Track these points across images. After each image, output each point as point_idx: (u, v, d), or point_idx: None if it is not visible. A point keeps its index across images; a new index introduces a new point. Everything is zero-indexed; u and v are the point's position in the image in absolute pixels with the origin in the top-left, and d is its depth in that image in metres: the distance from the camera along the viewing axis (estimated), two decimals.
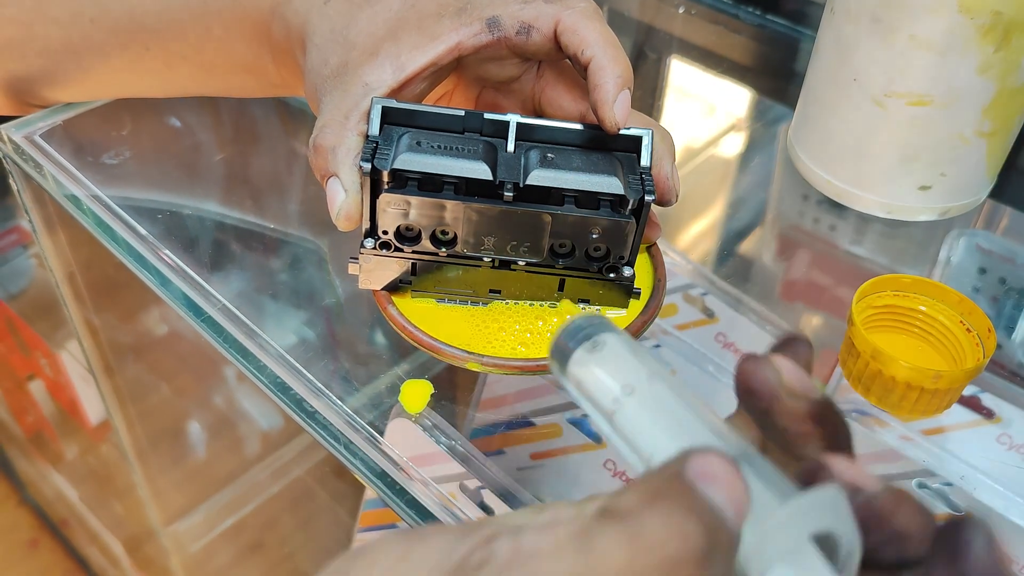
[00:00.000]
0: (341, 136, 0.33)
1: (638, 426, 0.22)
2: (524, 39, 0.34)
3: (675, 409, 0.22)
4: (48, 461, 1.12)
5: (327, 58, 0.35)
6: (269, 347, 0.42)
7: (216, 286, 0.45)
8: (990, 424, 0.44)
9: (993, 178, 0.52)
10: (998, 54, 0.44)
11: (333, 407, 0.40)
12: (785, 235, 0.58)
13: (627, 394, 0.23)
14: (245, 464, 0.93)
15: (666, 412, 0.22)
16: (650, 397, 0.22)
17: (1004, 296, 0.52)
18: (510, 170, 0.32)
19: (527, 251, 0.33)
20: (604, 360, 0.24)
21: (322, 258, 0.54)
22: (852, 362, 0.41)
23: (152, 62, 0.44)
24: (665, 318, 0.51)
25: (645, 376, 0.23)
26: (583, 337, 0.24)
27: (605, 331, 0.24)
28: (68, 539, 1.16)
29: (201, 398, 0.88)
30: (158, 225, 0.49)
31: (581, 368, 0.24)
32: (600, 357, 0.24)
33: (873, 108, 0.48)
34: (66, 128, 0.54)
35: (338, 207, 0.32)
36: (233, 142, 0.63)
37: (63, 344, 0.90)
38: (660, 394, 0.22)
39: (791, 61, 0.72)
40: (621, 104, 0.33)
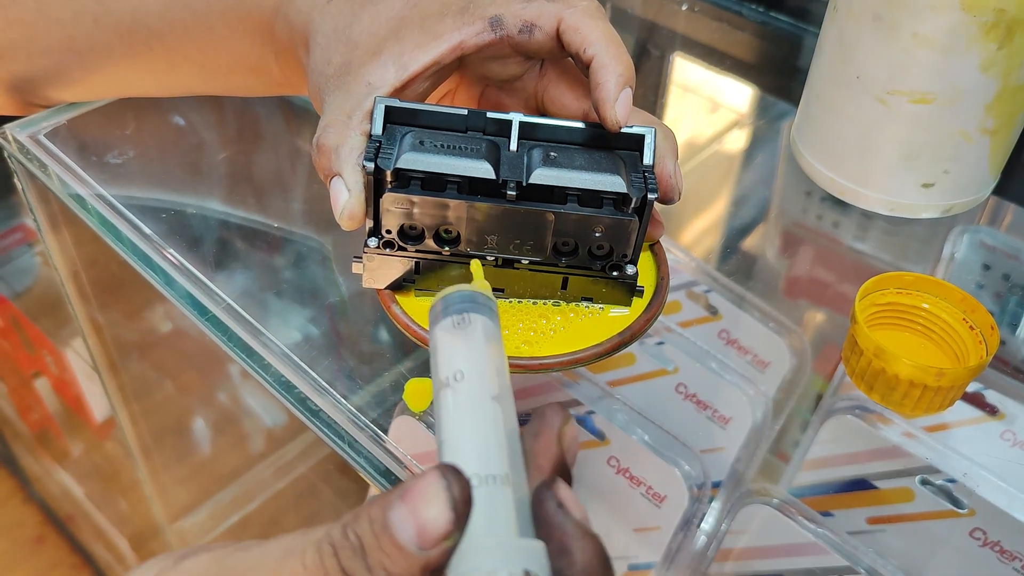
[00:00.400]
0: (344, 136, 0.33)
1: (449, 411, 0.24)
2: (527, 38, 0.34)
3: (483, 414, 0.24)
4: (53, 458, 1.12)
5: (330, 57, 0.35)
6: (273, 345, 0.42)
7: (220, 284, 0.45)
8: (994, 421, 0.44)
9: (996, 175, 0.52)
10: (1001, 51, 0.44)
11: (337, 405, 0.40)
12: (788, 232, 0.58)
13: (456, 380, 0.24)
14: (249, 461, 0.93)
15: (474, 413, 0.24)
16: (469, 394, 0.24)
17: (1008, 293, 0.52)
18: (513, 169, 0.32)
19: (530, 250, 0.33)
20: (458, 340, 0.26)
21: (326, 256, 0.54)
22: (855, 360, 0.41)
23: (155, 62, 0.44)
24: (668, 315, 0.52)
25: (478, 372, 0.25)
26: (458, 309, 0.26)
27: (481, 316, 0.26)
28: (74, 535, 1.16)
29: (205, 395, 0.89)
30: (162, 224, 0.50)
31: (441, 334, 0.26)
32: (457, 335, 0.26)
33: (876, 105, 0.48)
34: (70, 127, 0.54)
35: (342, 207, 0.33)
36: (237, 141, 0.63)
37: (68, 342, 0.90)
38: (479, 395, 0.24)
39: (794, 58, 0.72)
40: (622, 103, 0.33)
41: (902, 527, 0.42)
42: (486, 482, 0.22)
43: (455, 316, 0.26)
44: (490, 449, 0.23)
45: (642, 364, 0.49)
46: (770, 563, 0.41)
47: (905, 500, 0.42)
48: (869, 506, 0.43)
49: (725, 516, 0.43)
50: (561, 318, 0.35)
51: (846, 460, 0.44)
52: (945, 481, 0.41)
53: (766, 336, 0.50)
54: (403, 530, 0.20)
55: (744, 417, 0.46)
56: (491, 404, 0.24)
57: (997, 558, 0.40)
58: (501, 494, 0.22)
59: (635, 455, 0.44)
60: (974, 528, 0.40)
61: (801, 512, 0.40)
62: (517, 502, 0.22)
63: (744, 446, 0.46)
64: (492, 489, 0.22)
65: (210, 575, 0.22)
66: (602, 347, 0.34)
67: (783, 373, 0.49)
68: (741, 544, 0.42)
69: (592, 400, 0.46)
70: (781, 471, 0.47)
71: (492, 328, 0.26)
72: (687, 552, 0.43)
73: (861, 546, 0.39)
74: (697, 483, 0.43)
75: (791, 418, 0.48)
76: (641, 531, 0.45)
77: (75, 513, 1.13)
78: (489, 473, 0.22)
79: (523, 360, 0.33)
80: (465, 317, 0.26)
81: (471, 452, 0.23)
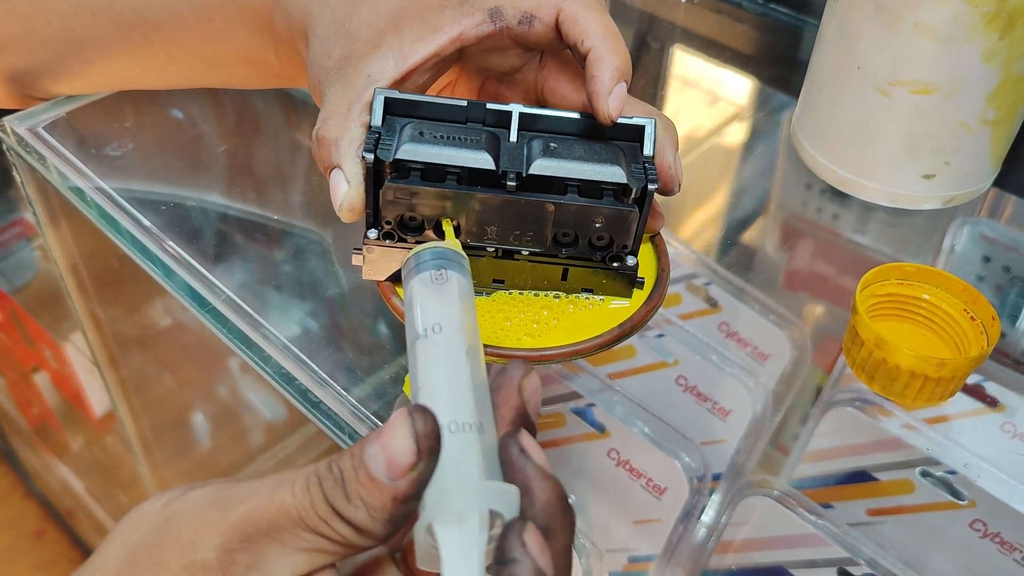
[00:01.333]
0: (344, 128, 0.33)
1: (425, 362, 0.26)
2: (526, 29, 0.34)
3: (457, 366, 0.25)
4: (53, 452, 1.12)
5: (329, 50, 0.35)
6: (274, 338, 0.42)
7: (220, 277, 0.45)
8: (994, 412, 0.44)
9: (997, 166, 0.52)
10: (1003, 41, 0.44)
11: (338, 397, 0.40)
12: (788, 224, 0.58)
13: (434, 332, 0.26)
14: (250, 455, 0.93)
15: (449, 365, 0.25)
16: (444, 347, 0.26)
17: (1008, 284, 0.52)
18: (513, 160, 0.32)
19: (530, 241, 0.33)
20: (436, 294, 0.27)
21: (326, 248, 0.54)
22: (856, 350, 0.41)
23: (154, 54, 0.44)
24: (669, 308, 0.51)
25: (454, 327, 0.26)
26: (435, 265, 0.28)
27: (455, 272, 0.28)
28: (74, 529, 1.16)
29: (205, 389, 0.89)
30: (162, 217, 0.50)
31: (418, 288, 0.28)
32: (434, 289, 0.28)
33: (877, 96, 0.48)
34: (69, 120, 0.54)
35: (341, 198, 0.32)
36: (236, 133, 0.63)
37: (67, 336, 0.90)
38: (454, 348, 0.26)
39: (794, 50, 0.71)
40: (616, 96, 0.33)
41: (902, 519, 0.42)
42: (459, 429, 0.24)
43: (433, 271, 0.28)
44: (462, 399, 0.25)
45: (642, 356, 0.49)
46: (770, 555, 0.41)
47: (905, 492, 0.42)
48: (869, 498, 0.43)
49: (725, 508, 0.43)
50: (561, 309, 0.35)
51: (846, 452, 0.44)
52: (945, 473, 0.41)
53: (766, 328, 0.50)
54: (375, 462, 0.22)
55: (744, 409, 0.46)
56: (464, 357, 0.25)
57: (997, 549, 0.40)
58: (472, 441, 0.24)
59: (635, 447, 0.44)
60: (974, 519, 0.40)
61: (801, 504, 0.40)
62: (486, 449, 0.24)
63: (744, 438, 0.46)
64: (463, 436, 0.24)
65: (212, 501, 0.24)
66: (602, 338, 0.34)
67: (783, 365, 0.49)
68: (741, 536, 0.42)
69: (592, 392, 0.46)
70: (781, 463, 0.47)
71: (466, 285, 0.28)
72: (687, 544, 0.43)
73: (861, 538, 0.39)
74: (697, 475, 0.43)
75: (791, 410, 0.48)
76: (641, 523, 0.45)
77: (75, 507, 1.13)
78: (460, 421, 0.24)
79: (524, 351, 0.33)
80: (443, 273, 0.28)
81: (444, 401, 0.24)
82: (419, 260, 0.29)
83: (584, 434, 0.47)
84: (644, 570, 0.45)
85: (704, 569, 0.43)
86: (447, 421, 0.24)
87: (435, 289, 0.28)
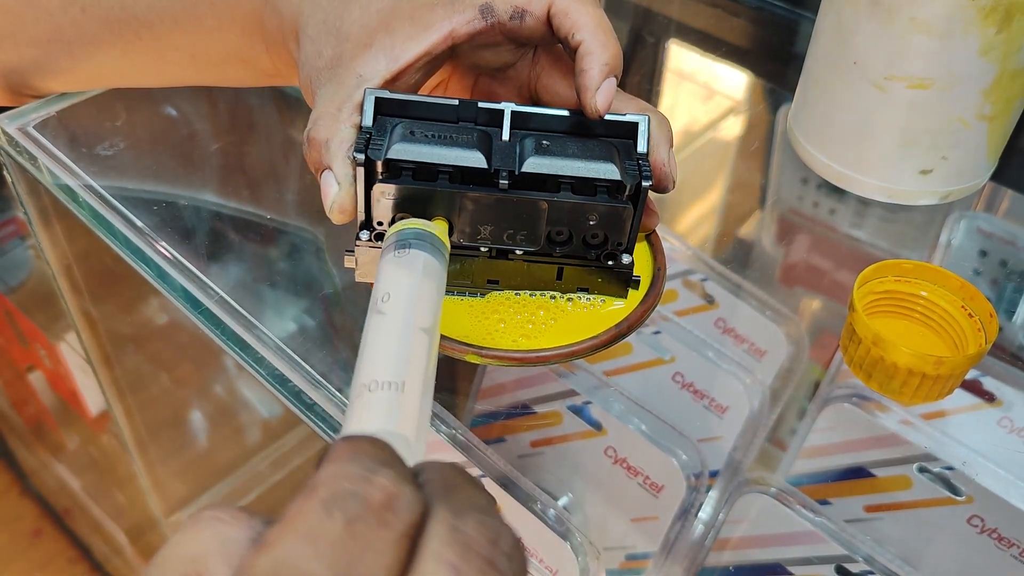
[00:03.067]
0: (334, 128, 0.33)
1: (372, 333, 0.25)
2: (518, 24, 0.34)
3: (406, 339, 0.24)
4: (49, 451, 1.12)
5: (320, 50, 0.35)
6: (267, 338, 0.42)
7: (213, 277, 0.45)
8: (991, 408, 0.44)
9: (994, 161, 0.52)
10: (1000, 35, 0.44)
11: (332, 398, 0.40)
12: (784, 220, 0.57)
13: (383, 301, 0.25)
14: (246, 454, 0.93)
15: (397, 337, 0.24)
16: (394, 317, 0.25)
17: (1005, 279, 0.52)
18: (505, 158, 0.32)
19: (524, 240, 0.33)
20: (396, 267, 0.27)
21: (320, 248, 0.54)
22: (853, 348, 0.40)
23: (144, 52, 0.44)
24: (665, 304, 0.51)
25: (409, 299, 0.25)
26: (402, 244, 0.28)
27: (425, 254, 0.28)
28: (71, 528, 1.16)
29: (201, 387, 0.88)
30: (154, 216, 0.49)
31: (384, 263, 0.28)
32: (397, 263, 0.27)
33: (873, 91, 0.48)
34: (60, 119, 0.53)
35: (331, 200, 0.32)
36: (229, 131, 0.63)
37: (62, 335, 0.90)
38: (405, 320, 0.25)
39: (790, 44, 0.71)
40: (604, 92, 0.32)
41: (900, 515, 0.42)
42: (377, 388, 0.22)
43: (399, 249, 0.28)
44: (403, 365, 0.23)
45: (639, 353, 0.49)
46: (768, 552, 0.41)
47: (902, 488, 0.42)
48: (866, 494, 0.43)
49: (723, 505, 0.42)
50: (557, 310, 0.35)
51: (843, 448, 0.44)
52: (943, 468, 0.41)
53: (763, 324, 0.49)
54: None
55: (741, 406, 0.46)
56: (418, 332, 0.24)
57: (995, 545, 0.40)
58: (407, 399, 0.23)
59: (632, 445, 0.44)
60: (972, 515, 0.40)
61: (798, 500, 0.40)
62: (419, 418, 0.23)
63: (741, 435, 0.46)
64: (396, 394, 0.22)
65: None
66: (599, 339, 0.33)
67: (780, 361, 0.49)
68: (739, 533, 0.42)
69: (589, 390, 0.46)
70: (778, 460, 0.47)
71: (434, 266, 0.28)
72: (685, 542, 0.43)
73: (859, 534, 0.39)
74: (694, 472, 0.43)
75: (788, 406, 0.48)
76: (639, 521, 0.45)
77: (72, 506, 1.13)
78: (380, 380, 0.23)
79: (520, 353, 0.33)
80: (409, 252, 0.28)
81: (383, 363, 0.23)
82: (395, 239, 0.29)
83: (581, 432, 0.46)
84: (641, 568, 0.45)
85: (701, 566, 0.43)
86: (385, 380, 0.23)
87: (396, 263, 0.27)
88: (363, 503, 0.17)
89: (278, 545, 0.16)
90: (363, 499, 0.17)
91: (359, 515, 0.17)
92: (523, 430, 0.49)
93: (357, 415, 0.22)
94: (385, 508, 0.17)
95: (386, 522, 0.17)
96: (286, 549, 0.16)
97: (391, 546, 0.17)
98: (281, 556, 0.16)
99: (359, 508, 0.17)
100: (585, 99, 0.33)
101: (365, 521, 0.17)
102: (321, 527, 0.16)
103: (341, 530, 0.16)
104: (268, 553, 0.16)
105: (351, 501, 0.17)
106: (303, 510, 0.17)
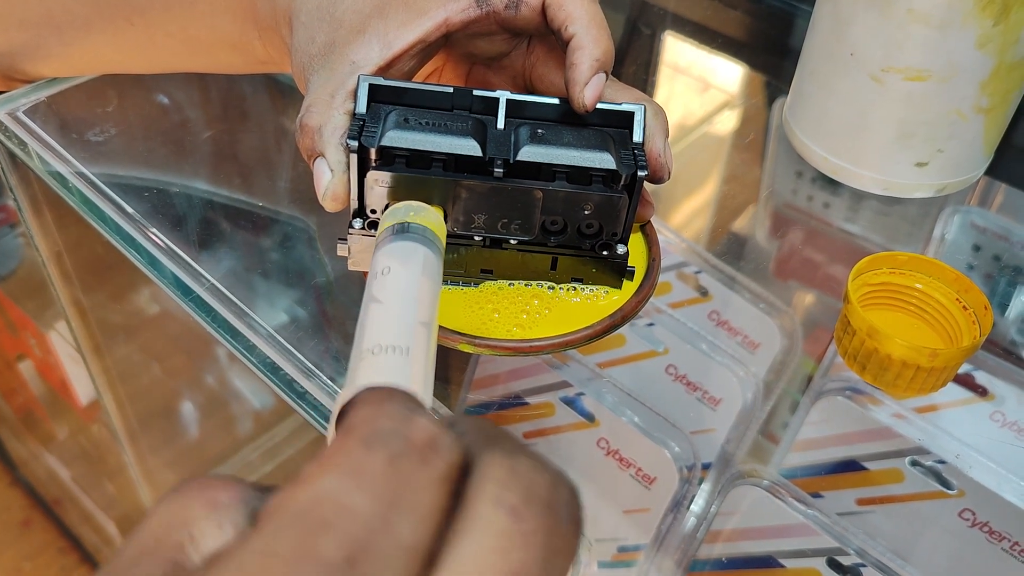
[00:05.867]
0: (327, 115, 0.32)
1: (369, 317, 0.24)
2: (513, 13, 0.34)
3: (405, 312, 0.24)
4: (39, 441, 1.11)
5: (313, 36, 0.34)
6: (259, 327, 0.42)
7: (205, 265, 0.45)
8: (983, 402, 0.44)
9: (990, 155, 0.52)
10: (997, 27, 0.44)
11: (324, 388, 0.40)
12: (779, 212, 0.57)
13: (383, 274, 0.25)
14: (237, 444, 0.93)
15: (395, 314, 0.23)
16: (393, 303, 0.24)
17: (998, 273, 0.52)
18: (500, 147, 0.32)
19: (518, 229, 0.33)
20: (390, 253, 0.26)
21: (312, 236, 0.53)
22: (848, 340, 0.40)
23: (136, 37, 0.43)
24: (659, 296, 0.51)
25: (410, 296, 0.24)
26: (401, 236, 0.27)
27: (424, 247, 0.27)
28: (61, 519, 1.16)
29: (193, 378, 0.88)
30: (145, 203, 0.49)
31: (380, 257, 0.26)
32: (391, 247, 0.27)
33: (870, 84, 0.48)
34: (50, 104, 0.53)
35: (324, 187, 0.32)
36: (221, 119, 0.62)
37: (52, 324, 0.89)
38: (406, 312, 0.24)
39: (787, 36, 0.71)
40: (593, 86, 0.32)
41: (892, 508, 0.42)
42: (381, 352, 0.22)
43: (398, 235, 0.27)
44: (408, 332, 0.23)
45: (632, 345, 0.49)
46: (760, 544, 0.41)
47: (895, 481, 0.42)
48: (859, 487, 0.43)
49: (715, 498, 0.42)
50: (551, 299, 0.35)
51: (836, 441, 0.44)
52: (935, 462, 0.41)
53: (757, 317, 0.49)
54: None
55: (734, 398, 0.46)
56: (418, 326, 0.23)
57: (986, 538, 0.40)
58: (415, 362, 0.22)
59: (625, 437, 0.44)
60: (963, 509, 0.40)
61: (791, 493, 0.40)
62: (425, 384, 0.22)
63: (734, 427, 0.46)
64: (403, 356, 0.22)
65: None
66: (593, 329, 0.33)
67: (773, 354, 0.49)
68: (731, 525, 0.42)
69: (582, 382, 0.46)
70: (771, 452, 0.47)
71: (433, 263, 0.27)
72: (677, 534, 0.43)
73: (851, 527, 0.39)
74: (687, 464, 0.43)
75: (781, 399, 0.48)
76: (631, 513, 0.45)
77: (62, 496, 1.12)
78: (384, 344, 0.22)
79: (514, 343, 0.33)
80: (409, 245, 0.27)
81: (388, 330, 0.22)
82: (383, 235, 0.28)
83: (573, 423, 0.46)
84: (633, 560, 0.45)
85: (693, 558, 0.43)
86: (371, 345, 0.22)
87: (390, 247, 0.27)
88: (405, 441, 0.16)
89: (317, 480, 0.15)
90: (405, 437, 0.16)
91: (402, 452, 0.16)
92: (516, 421, 0.49)
93: (365, 372, 0.21)
94: (428, 447, 0.16)
95: (429, 461, 0.16)
96: (327, 484, 0.15)
97: (436, 484, 0.16)
98: (321, 491, 0.15)
99: (402, 445, 0.16)
100: (573, 93, 0.33)
101: (408, 458, 0.16)
102: (363, 462, 0.16)
103: (384, 465, 0.16)
104: (307, 488, 0.15)
105: (393, 438, 0.16)
106: (342, 448, 0.16)
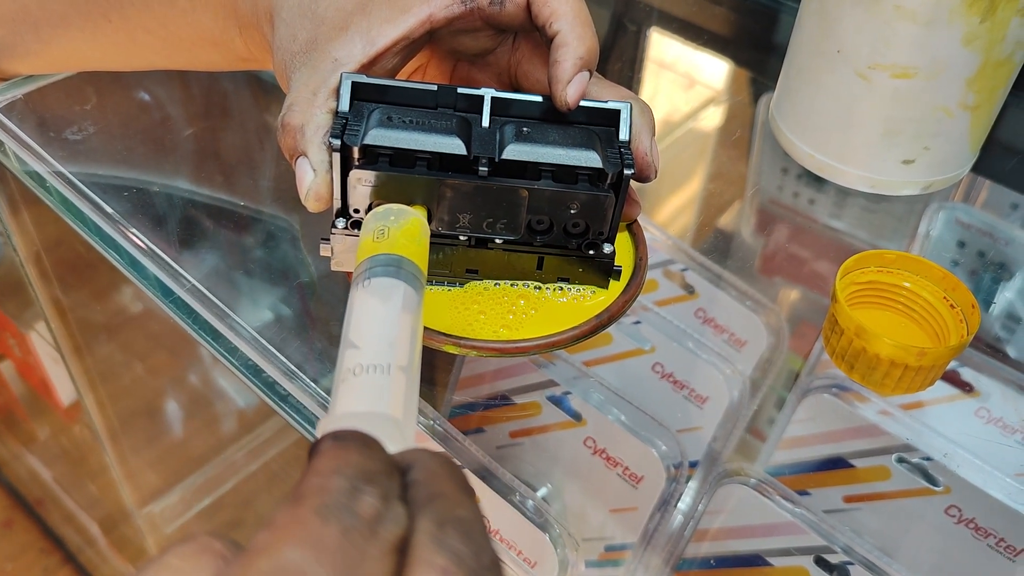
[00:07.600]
0: (309, 114, 0.32)
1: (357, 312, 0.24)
2: (497, 9, 0.33)
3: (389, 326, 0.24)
4: (20, 442, 1.10)
5: (295, 33, 0.34)
6: (241, 329, 0.41)
7: (186, 266, 0.44)
8: (969, 398, 0.44)
9: (976, 152, 0.52)
10: (984, 25, 0.44)
11: (307, 389, 0.39)
12: (765, 210, 0.57)
13: (355, 346, 0.24)
14: (221, 444, 0.92)
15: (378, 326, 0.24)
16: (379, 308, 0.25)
17: (983, 270, 0.52)
18: (485, 145, 0.31)
19: (504, 228, 0.32)
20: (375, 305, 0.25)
21: (295, 236, 0.53)
22: (835, 339, 0.40)
23: (114, 34, 0.42)
24: (645, 294, 0.51)
25: (388, 342, 0.24)
26: (381, 272, 0.26)
27: (403, 283, 0.26)
28: (43, 519, 1.15)
29: (175, 377, 0.87)
30: (125, 203, 0.48)
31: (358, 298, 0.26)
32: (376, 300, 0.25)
33: (857, 80, 0.48)
34: (27, 102, 0.52)
35: (307, 187, 0.31)
36: (203, 116, 0.61)
37: (32, 324, 0.88)
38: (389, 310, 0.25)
39: (773, 33, 0.71)
40: (576, 85, 0.32)
41: (878, 505, 0.42)
42: (363, 371, 0.23)
43: (376, 279, 0.26)
44: (389, 348, 0.23)
45: (619, 344, 0.48)
46: (747, 543, 0.41)
47: (881, 478, 0.42)
48: (845, 484, 0.43)
49: (702, 496, 0.42)
50: (538, 299, 0.34)
51: (822, 439, 0.44)
52: (921, 459, 0.41)
53: (743, 314, 0.49)
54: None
55: (721, 396, 0.46)
56: (397, 373, 0.23)
57: (972, 535, 0.40)
58: (394, 380, 0.23)
59: (612, 436, 0.44)
60: (949, 505, 0.40)
61: (778, 491, 0.40)
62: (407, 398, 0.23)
63: (721, 425, 0.46)
64: (383, 376, 0.23)
65: None
66: (579, 329, 0.33)
67: (760, 352, 0.49)
68: (718, 524, 0.42)
69: (568, 380, 0.45)
70: (758, 450, 0.46)
71: (413, 299, 0.26)
72: (664, 533, 0.43)
73: (837, 524, 0.39)
74: (674, 463, 0.43)
75: (768, 397, 0.48)
76: (618, 512, 0.45)
77: (44, 497, 1.11)
78: (365, 364, 0.23)
79: (500, 344, 0.32)
80: (388, 282, 0.26)
81: (369, 347, 0.23)
82: (368, 265, 0.27)
83: (560, 422, 0.46)
84: (621, 559, 0.45)
85: (681, 557, 0.43)
86: (353, 365, 0.23)
87: (374, 301, 0.26)
88: (355, 515, 0.17)
89: (277, 550, 0.16)
90: (354, 512, 0.17)
91: (353, 525, 0.17)
92: (502, 421, 0.49)
93: (344, 398, 0.22)
94: (376, 521, 0.17)
95: (377, 534, 0.17)
96: (288, 554, 0.16)
97: (386, 554, 0.17)
98: (283, 561, 0.16)
99: (352, 519, 0.17)
100: (556, 91, 0.32)
101: (359, 531, 0.17)
102: (320, 533, 0.17)
103: (339, 537, 0.17)
104: (268, 557, 0.16)
105: (344, 512, 0.17)
106: (298, 517, 0.17)
